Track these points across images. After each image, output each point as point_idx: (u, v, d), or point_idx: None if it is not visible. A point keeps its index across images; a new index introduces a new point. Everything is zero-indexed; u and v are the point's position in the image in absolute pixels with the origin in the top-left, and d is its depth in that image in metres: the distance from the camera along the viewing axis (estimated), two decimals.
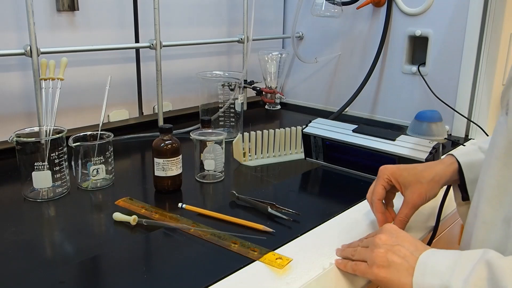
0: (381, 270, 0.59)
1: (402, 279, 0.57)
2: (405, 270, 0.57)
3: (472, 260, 0.54)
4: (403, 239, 0.61)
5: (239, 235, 0.70)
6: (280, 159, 1.10)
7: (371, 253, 0.61)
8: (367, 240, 0.64)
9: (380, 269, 0.59)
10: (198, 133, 0.95)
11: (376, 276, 0.59)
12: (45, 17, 1.07)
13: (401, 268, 0.57)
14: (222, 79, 1.26)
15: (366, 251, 0.62)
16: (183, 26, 1.37)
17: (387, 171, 0.74)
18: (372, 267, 0.59)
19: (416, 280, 0.56)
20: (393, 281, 0.58)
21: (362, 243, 0.65)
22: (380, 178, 0.74)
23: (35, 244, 0.71)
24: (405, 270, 0.57)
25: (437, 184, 0.73)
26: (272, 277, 0.61)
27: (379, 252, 0.60)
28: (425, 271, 0.56)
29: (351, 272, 0.63)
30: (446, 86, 1.31)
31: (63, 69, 0.93)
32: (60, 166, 0.85)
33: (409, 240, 0.61)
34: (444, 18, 1.29)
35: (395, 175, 0.73)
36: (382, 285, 0.60)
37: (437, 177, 0.73)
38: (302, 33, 1.65)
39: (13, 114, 1.07)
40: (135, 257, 0.68)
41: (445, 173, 0.74)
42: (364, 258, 0.62)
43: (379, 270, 0.59)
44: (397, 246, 0.60)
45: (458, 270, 0.53)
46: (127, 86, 1.28)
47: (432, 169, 0.74)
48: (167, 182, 0.88)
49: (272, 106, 1.64)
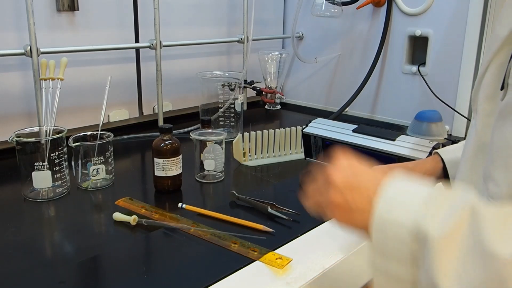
0: (345, 214, 0.52)
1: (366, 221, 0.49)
2: (368, 212, 0.49)
3: (450, 199, 0.47)
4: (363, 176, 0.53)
5: (239, 235, 0.70)
6: (280, 159, 1.10)
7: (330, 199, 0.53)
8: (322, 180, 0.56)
9: (344, 213, 0.52)
10: (198, 133, 0.95)
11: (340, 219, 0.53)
12: (45, 17, 1.07)
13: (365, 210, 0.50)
14: (222, 79, 1.26)
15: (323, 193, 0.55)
16: (183, 26, 1.37)
17: (380, 171, 0.74)
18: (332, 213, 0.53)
19: (380, 213, 0.48)
20: (357, 223, 0.51)
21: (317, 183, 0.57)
22: None
23: (35, 244, 0.71)
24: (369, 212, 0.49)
25: None
26: (272, 277, 0.61)
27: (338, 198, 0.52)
28: (391, 205, 0.48)
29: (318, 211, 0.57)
30: (446, 86, 1.31)
31: (63, 69, 0.93)
32: (60, 166, 0.85)
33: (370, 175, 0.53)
34: (444, 18, 1.29)
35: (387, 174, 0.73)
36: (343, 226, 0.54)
37: (427, 174, 0.74)
38: (302, 33, 1.65)
39: (13, 114, 1.07)
40: (135, 257, 0.68)
41: (434, 170, 0.75)
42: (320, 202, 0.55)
43: (343, 214, 0.52)
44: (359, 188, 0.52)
45: (434, 207, 0.46)
46: (127, 86, 1.28)
47: (422, 166, 0.75)
48: (167, 182, 0.88)
49: (272, 106, 1.64)
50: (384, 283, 0.50)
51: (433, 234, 0.44)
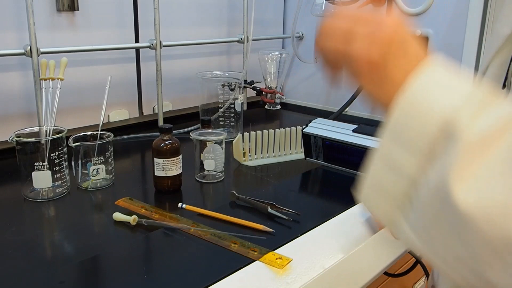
0: (368, 77, 0.43)
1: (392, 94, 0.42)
2: (400, 84, 0.42)
3: (496, 104, 0.40)
4: (411, 38, 0.44)
5: (239, 235, 0.70)
6: (280, 159, 1.10)
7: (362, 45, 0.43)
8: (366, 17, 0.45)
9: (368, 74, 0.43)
10: (198, 133, 0.95)
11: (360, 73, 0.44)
12: (45, 17, 1.07)
13: (397, 82, 0.42)
14: (222, 79, 1.26)
15: (353, 38, 0.44)
16: (183, 26, 1.37)
17: None
18: (359, 67, 0.44)
19: (414, 92, 0.41)
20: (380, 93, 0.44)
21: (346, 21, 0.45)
22: None
23: (35, 244, 0.71)
24: (400, 84, 0.42)
25: None
26: (272, 277, 0.61)
27: (375, 50, 0.43)
28: (431, 87, 0.41)
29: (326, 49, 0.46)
30: None
31: (63, 69, 0.93)
32: (60, 166, 0.85)
33: (417, 40, 0.44)
34: (444, 18, 1.29)
35: None
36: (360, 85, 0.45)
37: None
38: (302, 33, 1.65)
39: (13, 114, 1.07)
40: (135, 257, 0.68)
41: None
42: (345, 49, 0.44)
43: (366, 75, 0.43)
44: (403, 51, 0.43)
45: (476, 107, 0.39)
46: (127, 86, 1.28)
47: None
48: (167, 182, 0.88)
49: (272, 106, 1.64)
50: (380, 170, 0.44)
51: (466, 133, 0.38)
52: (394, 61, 0.43)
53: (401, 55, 0.43)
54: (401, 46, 0.43)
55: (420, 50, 0.44)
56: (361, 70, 0.43)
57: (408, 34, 0.44)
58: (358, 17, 0.45)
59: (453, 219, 0.37)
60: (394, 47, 0.43)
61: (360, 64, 0.43)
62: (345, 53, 0.44)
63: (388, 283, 0.97)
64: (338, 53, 0.45)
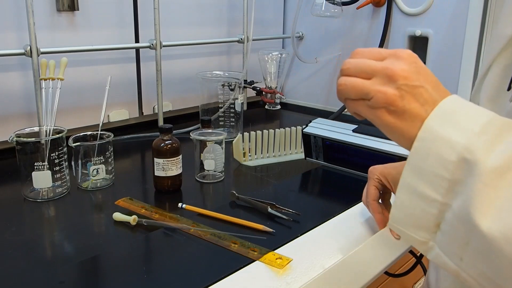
0: (389, 117, 0.45)
1: (414, 131, 0.44)
2: (420, 121, 0.44)
3: (508, 131, 0.41)
4: (426, 79, 0.45)
5: (239, 235, 0.70)
6: (280, 159, 1.10)
7: (382, 92, 0.45)
8: (377, 67, 0.46)
9: (389, 115, 0.45)
10: (198, 133, 0.95)
11: (381, 120, 0.46)
12: (45, 17, 1.07)
13: (417, 118, 0.44)
14: (222, 79, 1.26)
15: (374, 85, 0.46)
16: (183, 26, 1.37)
17: (376, 171, 0.74)
18: (378, 110, 0.45)
19: (431, 124, 0.43)
20: (402, 132, 0.45)
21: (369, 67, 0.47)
22: (370, 179, 0.74)
23: (35, 244, 0.71)
24: (421, 121, 0.44)
25: None
26: (272, 277, 0.61)
27: (393, 95, 0.44)
28: (447, 121, 0.43)
29: (347, 106, 0.49)
30: (446, 86, 1.29)
31: (63, 69, 0.93)
32: (60, 166, 0.85)
33: (433, 80, 0.46)
34: (444, 18, 1.29)
35: (383, 174, 0.73)
36: (383, 129, 0.47)
37: None
38: (302, 33, 1.65)
39: (13, 114, 1.07)
40: (135, 257, 0.68)
41: None
42: (367, 95, 0.46)
43: (387, 116, 0.45)
44: (420, 89, 0.44)
45: (492, 136, 0.41)
46: (127, 86, 1.28)
47: None
48: (167, 182, 0.88)
49: (272, 106, 1.64)
50: (410, 201, 0.45)
51: (484, 163, 0.40)
52: (411, 95, 0.45)
53: (417, 88, 0.45)
54: (417, 79, 0.45)
55: (436, 82, 0.46)
56: (379, 105, 0.45)
57: (423, 67, 0.46)
58: (375, 53, 0.47)
59: (480, 244, 0.40)
60: (410, 81, 0.45)
61: (378, 100, 0.45)
62: (364, 89, 0.46)
63: (388, 283, 0.97)
64: (357, 90, 0.47)
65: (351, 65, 0.48)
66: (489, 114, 0.43)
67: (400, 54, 0.46)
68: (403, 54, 0.46)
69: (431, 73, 0.47)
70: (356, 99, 0.47)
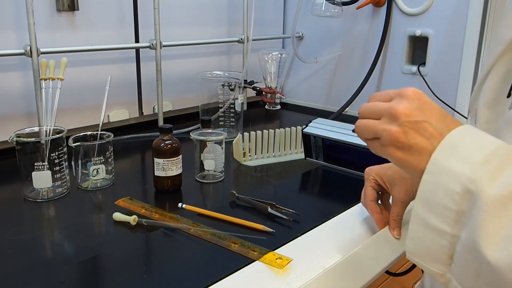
0: (397, 152, 0.48)
1: (423, 164, 0.46)
2: (428, 154, 0.46)
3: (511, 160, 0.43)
4: (431, 113, 0.48)
5: (239, 235, 0.70)
6: (280, 159, 1.10)
7: (387, 131, 0.49)
8: (384, 107, 0.51)
9: (397, 151, 0.49)
10: (198, 133, 0.95)
11: (392, 157, 0.50)
12: (45, 17, 1.07)
13: (424, 152, 0.47)
14: (222, 79, 1.26)
15: (381, 124, 0.50)
16: (183, 26, 1.37)
17: (372, 172, 0.74)
18: (388, 147, 0.49)
19: (438, 157, 0.45)
20: (413, 165, 0.48)
21: (377, 108, 0.52)
22: (367, 180, 0.74)
23: (35, 244, 0.71)
24: (428, 154, 0.46)
25: None
26: (272, 277, 0.61)
27: (397, 132, 0.48)
28: (452, 153, 0.45)
29: (368, 146, 0.54)
30: (446, 86, 1.31)
31: (63, 69, 0.93)
32: (60, 166, 0.85)
33: (438, 114, 0.48)
34: (444, 18, 1.29)
35: (380, 175, 0.73)
36: (397, 164, 0.51)
37: None
38: (302, 33, 1.65)
39: (13, 114, 1.07)
40: (135, 257, 0.68)
41: None
42: (377, 134, 0.51)
43: (397, 152, 0.49)
44: (423, 124, 0.47)
45: (496, 166, 0.42)
46: (127, 86, 1.28)
47: None
48: (167, 182, 0.88)
49: (272, 106, 1.64)
50: (422, 234, 0.47)
51: (487, 193, 0.41)
52: (414, 130, 0.48)
53: (420, 123, 0.48)
54: (420, 114, 0.48)
55: (441, 115, 0.48)
56: (387, 142, 0.49)
57: (428, 102, 0.49)
58: (384, 95, 0.52)
59: (489, 275, 0.41)
60: (412, 117, 0.48)
61: (385, 138, 0.49)
62: (373, 129, 0.51)
63: (388, 282, 0.97)
64: (369, 130, 0.52)
65: (365, 108, 0.53)
66: (495, 143, 0.45)
67: (403, 93, 0.50)
68: (407, 92, 0.49)
69: (437, 107, 0.49)
70: (371, 139, 0.52)
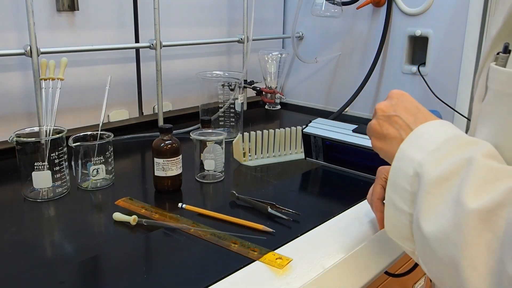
0: (377, 141, 0.59)
1: (394, 152, 0.54)
2: (398, 144, 0.54)
3: (459, 148, 0.49)
4: (402, 109, 0.57)
5: (239, 235, 0.70)
6: (280, 159, 1.10)
7: (369, 124, 0.61)
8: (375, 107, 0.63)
9: (376, 140, 0.59)
10: (198, 133, 0.95)
11: (373, 146, 0.60)
12: (45, 17, 1.07)
13: (395, 141, 0.56)
14: (222, 79, 1.26)
15: (371, 121, 0.62)
16: (183, 26, 1.37)
17: (384, 171, 0.74)
18: (371, 138, 0.61)
19: (403, 146, 0.53)
20: (387, 152, 0.58)
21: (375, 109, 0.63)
22: (378, 178, 0.74)
23: (35, 244, 0.71)
24: (398, 144, 0.54)
25: None
26: (272, 277, 0.61)
27: (374, 124, 0.60)
28: (415, 143, 0.52)
29: None
30: (446, 86, 1.31)
31: (63, 69, 0.93)
32: (60, 166, 0.85)
33: (409, 110, 0.57)
34: (444, 18, 1.29)
35: None
36: (379, 153, 0.61)
37: None
38: (302, 33, 1.65)
39: (13, 114, 1.07)
40: (135, 257, 0.68)
41: None
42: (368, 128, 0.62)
43: (375, 141, 0.60)
44: (394, 117, 0.57)
45: (445, 153, 0.49)
46: (127, 86, 1.28)
47: None
48: (167, 182, 0.88)
49: (272, 106, 1.64)
50: (392, 214, 0.54)
51: (429, 175, 0.48)
52: (387, 123, 0.58)
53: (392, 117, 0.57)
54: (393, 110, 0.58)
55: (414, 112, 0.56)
56: (370, 134, 0.61)
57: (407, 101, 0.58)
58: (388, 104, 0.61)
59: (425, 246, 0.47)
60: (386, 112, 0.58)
61: (368, 130, 0.62)
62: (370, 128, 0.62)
63: (388, 283, 0.97)
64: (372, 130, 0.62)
65: None
66: (450, 134, 0.50)
67: (389, 94, 0.61)
68: (391, 94, 0.60)
69: (411, 104, 0.57)
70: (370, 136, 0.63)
